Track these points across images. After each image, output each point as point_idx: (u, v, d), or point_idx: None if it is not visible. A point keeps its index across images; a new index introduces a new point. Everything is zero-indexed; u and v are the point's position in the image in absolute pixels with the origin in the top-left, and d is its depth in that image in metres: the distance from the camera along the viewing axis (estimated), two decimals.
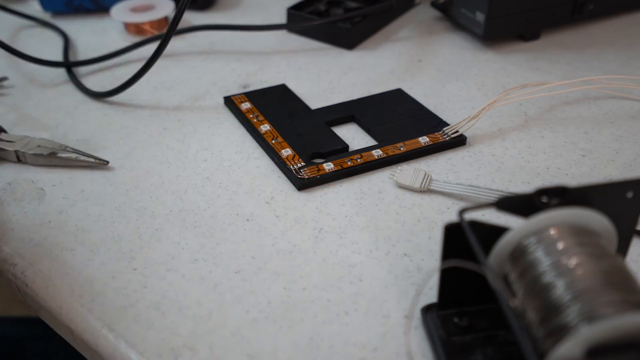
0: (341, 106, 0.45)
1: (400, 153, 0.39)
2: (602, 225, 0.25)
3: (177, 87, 0.49)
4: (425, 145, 0.40)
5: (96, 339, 0.29)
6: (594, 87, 0.47)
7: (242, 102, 0.45)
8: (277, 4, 0.62)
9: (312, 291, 0.31)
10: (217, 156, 0.41)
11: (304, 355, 0.28)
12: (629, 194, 0.26)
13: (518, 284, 0.24)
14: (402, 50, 0.54)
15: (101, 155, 0.41)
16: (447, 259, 0.27)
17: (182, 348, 0.28)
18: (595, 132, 0.43)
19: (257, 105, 0.45)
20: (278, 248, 0.34)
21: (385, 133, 0.42)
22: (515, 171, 0.39)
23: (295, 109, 0.45)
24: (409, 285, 0.31)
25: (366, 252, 0.33)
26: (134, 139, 0.43)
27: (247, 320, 0.30)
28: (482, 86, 0.48)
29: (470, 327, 0.28)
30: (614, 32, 0.56)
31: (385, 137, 0.41)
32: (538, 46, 0.54)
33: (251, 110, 0.44)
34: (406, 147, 0.40)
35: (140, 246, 0.34)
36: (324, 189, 0.38)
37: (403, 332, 0.29)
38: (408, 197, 0.37)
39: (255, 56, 0.53)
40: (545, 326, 0.22)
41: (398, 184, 0.37)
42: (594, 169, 0.39)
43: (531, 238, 0.24)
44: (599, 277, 0.22)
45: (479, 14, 0.51)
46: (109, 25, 0.60)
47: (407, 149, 0.40)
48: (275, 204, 0.37)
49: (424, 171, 0.37)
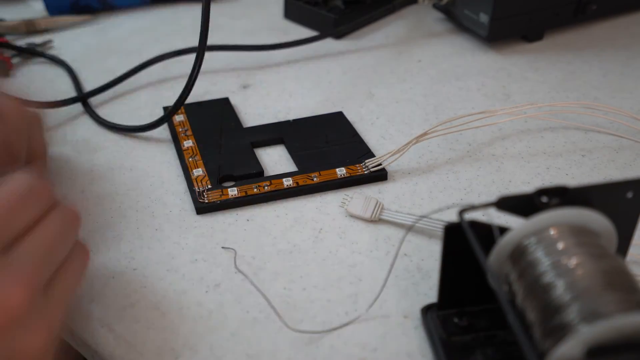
0: (272, 127, 0.43)
1: (312, 184, 0.37)
2: (602, 225, 0.25)
3: (178, 87, 0.49)
4: (341, 177, 0.38)
5: (96, 339, 0.29)
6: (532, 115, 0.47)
7: (178, 114, 0.44)
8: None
9: (312, 291, 0.31)
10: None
11: (304, 355, 0.28)
12: (629, 194, 0.26)
13: (518, 284, 0.24)
14: (402, 50, 0.54)
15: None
16: (447, 259, 0.27)
17: (182, 348, 0.28)
18: (595, 132, 0.43)
19: (190, 119, 0.43)
20: (278, 248, 0.34)
21: (308, 160, 0.39)
22: (515, 171, 0.39)
23: (227, 127, 0.43)
24: (409, 285, 0.31)
25: (366, 252, 0.33)
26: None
27: (247, 320, 0.30)
28: (482, 86, 0.48)
29: (470, 327, 0.28)
30: (615, 32, 0.56)
31: (306, 164, 0.39)
32: (538, 46, 0.54)
33: (182, 123, 0.43)
34: (320, 178, 0.38)
35: (140, 246, 0.34)
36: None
37: (403, 332, 0.29)
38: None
39: (255, 55, 0.53)
40: (545, 326, 0.22)
41: (348, 213, 0.36)
42: (594, 169, 0.39)
43: (531, 238, 0.24)
44: (599, 277, 0.22)
45: (483, 15, 0.51)
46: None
47: (320, 180, 0.37)
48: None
49: (375, 199, 0.36)
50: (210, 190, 0.37)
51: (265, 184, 0.37)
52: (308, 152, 0.40)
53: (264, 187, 0.37)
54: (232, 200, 0.36)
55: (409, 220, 0.34)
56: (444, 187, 0.38)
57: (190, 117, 0.44)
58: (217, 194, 0.37)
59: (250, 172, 0.38)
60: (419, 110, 0.46)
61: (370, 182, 0.38)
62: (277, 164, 0.40)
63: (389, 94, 0.48)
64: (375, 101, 0.47)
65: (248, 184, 0.37)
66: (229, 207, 0.36)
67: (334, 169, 0.38)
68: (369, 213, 0.35)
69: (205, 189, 0.37)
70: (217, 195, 0.36)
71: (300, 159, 0.40)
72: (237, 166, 0.39)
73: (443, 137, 0.42)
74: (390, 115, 0.45)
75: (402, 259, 0.33)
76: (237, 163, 0.39)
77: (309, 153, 0.40)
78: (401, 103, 0.47)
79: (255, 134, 0.42)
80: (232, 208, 0.36)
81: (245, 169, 0.39)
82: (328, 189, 0.38)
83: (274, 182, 0.37)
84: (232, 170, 0.38)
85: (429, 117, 0.45)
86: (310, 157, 0.40)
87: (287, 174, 0.38)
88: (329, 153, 0.40)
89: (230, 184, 0.37)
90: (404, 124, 0.44)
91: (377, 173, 0.38)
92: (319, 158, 0.40)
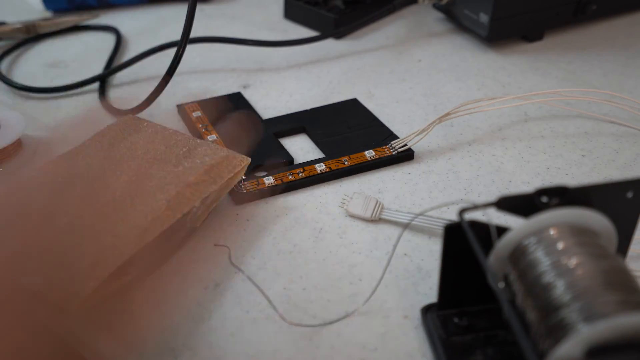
0: (293, 117, 0.44)
1: (343, 167, 0.38)
2: (602, 225, 0.25)
3: (177, 86, 0.49)
4: (371, 159, 0.39)
5: (96, 339, 0.29)
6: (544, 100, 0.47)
7: (194, 110, 0.44)
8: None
9: (312, 291, 0.31)
10: None
11: (304, 355, 0.28)
12: (629, 194, 0.26)
13: (518, 284, 0.24)
14: (402, 50, 0.54)
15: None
16: (447, 259, 0.27)
17: (182, 348, 0.28)
18: (596, 132, 0.43)
19: (208, 115, 0.44)
20: (278, 248, 0.34)
21: (333, 146, 0.41)
22: (515, 171, 0.39)
23: None
24: (409, 285, 0.31)
25: (366, 252, 0.33)
26: None
27: (247, 320, 0.30)
28: (482, 86, 0.48)
29: (470, 327, 0.28)
30: (615, 32, 0.56)
31: (332, 150, 0.40)
32: (538, 46, 0.54)
33: (201, 119, 0.43)
34: (351, 161, 0.39)
35: None
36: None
37: (403, 332, 0.29)
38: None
39: (255, 55, 0.53)
40: (545, 326, 0.22)
41: (348, 213, 0.36)
42: (594, 169, 0.39)
43: (531, 238, 0.24)
44: (599, 277, 0.22)
45: (483, 15, 0.51)
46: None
47: (351, 163, 0.39)
48: None
49: (375, 199, 0.36)
50: (246, 181, 0.37)
51: (299, 171, 0.38)
52: (332, 139, 0.41)
53: (298, 173, 0.38)
54: (270, 189, 0.37)
55: (409, 220, 0.34)
56: (444, 187, 0.38)
57: (207, 113, 0.44)
58: (254, 183, 0.37)
59: (280, 160, 0.39)
60: (419, 110, 0.46)
61: (399, 163, 0.40)
62: (303, 151, 0.41)
63: (389, 94, 0.48)
64: (375, 101, 0.47)
65: (279, 172, 0.38)
66: (266, 196, 0.37)
67: (362, 152, 0.39)
68: (369, 213, 0.35)
69: (240, 179, 0.37)
70: (254, 184, 0.37)
71: (325, 145, 0.41)
72: (267, 156, 0.40)
73: (443, 137, 0.42)
74: (391, 115, 0.45)
75: (402, 258, 0.33)
76: (265, 153, 0.40)
77: (333, 139, 0.41)
78: (401, 103, 0.47)
79: (277, 124, 0.43)
80: (269, 196, 0.37)
81: (275, 158, 0.40)
82: (360, 172, 0.39)
83: (306, 169, 0.38)
84: (262, 160, 0.39)
85: (429, 117, 0.45)
86: (334, 143, 0.41)
87: (318, 160, 0.39)
88: (353, 138, 0.41)
89: (262, 174, 0.38)
90: (404, 124, 0.44)
91: (404, 153, 0.40)
92: (344, 143, 0.41)
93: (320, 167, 0.38)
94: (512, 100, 0.43)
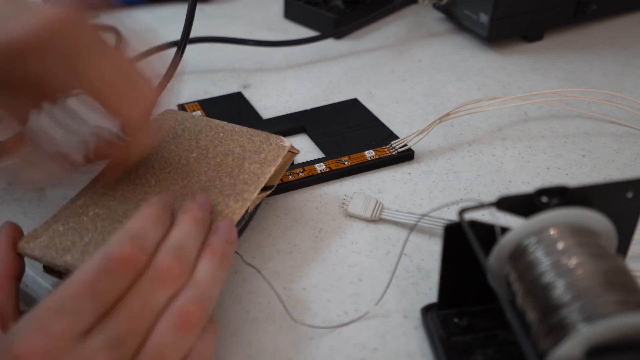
0: (293, 117, 0.44)
1: (343, 167, 0.38)
2: (602, 225, 0.25)
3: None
4: (371, 159, 0.39)
5: None
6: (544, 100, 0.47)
7: (195, 110, 0.45)
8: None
9: (312, 291, 0.31)
10: None
11: (304, 355, 0.28)
12: (629, 194, 0.26)
13: (518, 284, 0.24)
14: (402, 50, 0.54)
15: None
16: (447, 259, 0.27)
17: None
18: (596, 132, 0.43)
19: (209, 115, 0.44)
20: (278, 248, 0.34)
21: (333, 146, 0.41)
22: (515, 171, 0.39)
23: (247, 119, 0.44)
24: (409, 285, 0.31)
25: (366, 252, 0.33)
26: None
27: (247, 320, 0.30)
28: (482, 86, 0.48)
29: (470, 327, 0.28)
30: (615, 32, 0.56)
31: (332, 149, 0.40)
32: (538, 46, 0.54)
33: None
34: (351, 161, 0.39)
35: None
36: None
37: (403, 332, 0.29)
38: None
39: (255, 55, 0.53)
40: (545, 326, 0.22)
41: (348, 213, 0.36)
42: (594, 169, 0.39)
43: (531, 238, 0.24)
44: (599, 277, 0.22)
45: (483, 15, 0.51)
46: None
47: (351, 163, 0.39)
48: None
49: (375, 199, 0.36)
50: None
51: (298, 171, 0.38)
52: (332, 139, 0.41)
53: (297, 173, 0.38)
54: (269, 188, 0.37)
55: (409, 220, 0.34)
56: (444, 187, 0.38)
57: (208, 112, 0.44)
58: None
59: None
60: (419, 110, 0.46)
61: (399, 163, 0.40)
62: (304, 151, 0.41)
63: (389, 93, 0.48)
64: (375, 101, 0.47)
65: None
66: (266, 196, 0.37)
67: (362, 152, 0.40)
68: (369, 213, 0.35)
69: None
70: None
71: (325, 145, 0.41)
72: None
73: (443, 137, 0.42)
74: (391, 115, 0.45)
75: (402, 258, 0.33)
76: None
77: (333, 139, 0.41)
78: (401, 103, 0.47)
79: (277, 124, 0.43)
80: (269, 196, 0.37)
81: None
82: (360, 172, 0.39)
83: (306, 169, 0.38)
84: None
85: (429, 117, 0.45)
86: (334, 143, 0.41)
87: (318, 160, 0.39)
88: (353, 138, 0.41)
89: None
90: (404, 124, 0.44)
91: (404, 153, 0.40)
92: (344, 143, 0.41)
93: (320, 167, 0.38)
94: (512, 100, 0.43)
